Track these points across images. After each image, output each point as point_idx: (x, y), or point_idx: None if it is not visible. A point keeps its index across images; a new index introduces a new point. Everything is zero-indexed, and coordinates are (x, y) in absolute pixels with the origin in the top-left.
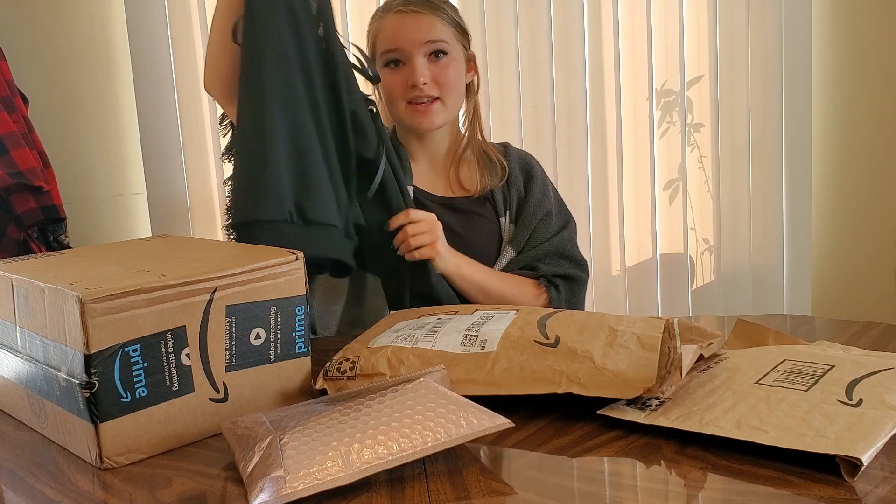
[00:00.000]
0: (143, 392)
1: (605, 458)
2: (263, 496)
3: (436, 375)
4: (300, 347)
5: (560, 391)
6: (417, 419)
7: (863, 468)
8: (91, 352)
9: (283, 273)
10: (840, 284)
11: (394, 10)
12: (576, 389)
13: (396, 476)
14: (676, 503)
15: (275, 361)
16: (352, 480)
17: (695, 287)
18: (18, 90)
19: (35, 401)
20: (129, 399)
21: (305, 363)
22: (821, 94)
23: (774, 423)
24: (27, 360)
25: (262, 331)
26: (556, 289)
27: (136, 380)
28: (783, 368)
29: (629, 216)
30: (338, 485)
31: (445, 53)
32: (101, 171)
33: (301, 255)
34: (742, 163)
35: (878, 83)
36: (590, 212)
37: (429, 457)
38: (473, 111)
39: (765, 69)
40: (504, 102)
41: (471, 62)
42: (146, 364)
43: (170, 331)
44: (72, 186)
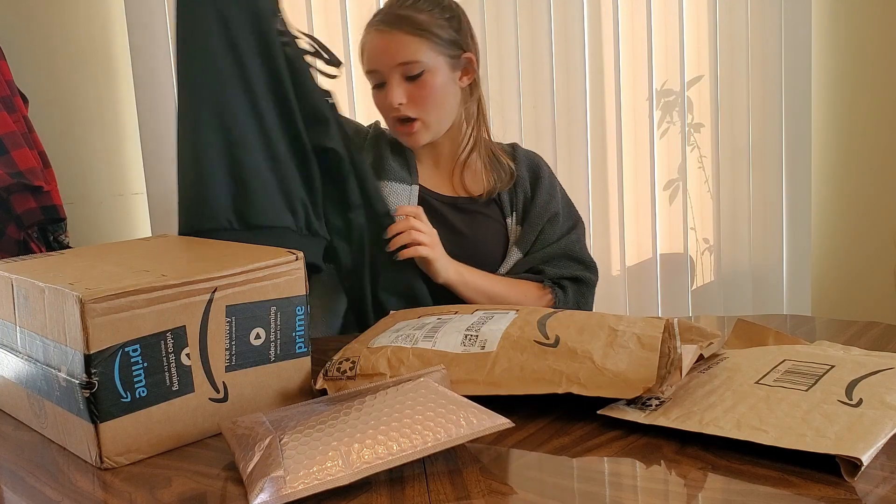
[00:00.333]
0: (143, 392)
1: (605, 458)
2: (263, 496)
3: (436, 375)
4: (300, 347)
5: (560, 391)
6: (417, 419)
7: (863, 468)
8: (91, 352)
9: (283, 273)
10: (840, 284)
11: (373, 28)
12: (576, 389)
13: (396, 476)
14: (676, 503)
15: (275, 361)
16: (352, 480)
17: (695, 287)
18: (18, 90)
19: (35, 401)
20: (129, 399)
21: (305, 363)
22: (821, 94)
23: (774, 423)
24: (27, 360)
25: (262, 331)
26: (564, 290)
27: (136, 380)
28: (783, 368)
29: (629, 216)
30: (338, 485)
31: (422, 72)
32: (101, 171)
33: (301, 255)
34: (742, 163)
35: (878, 83)
36: (590, 212)
37: (429, 457)
38: (477, 112)
39: (765, 69)
40: (504, 102)
41: (468, 66)
42: (146, 364)
43: (170, 331)
44: (72, 186)
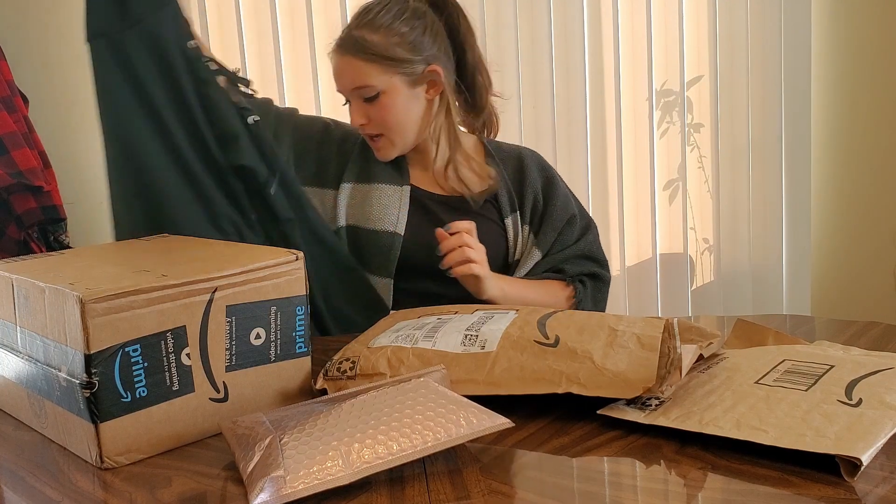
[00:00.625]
0: (144, 392)
1: (605, 458)
2: (264, 496)
3: (436, 375)
4: (300, 347)
5: (560, 391)
6: (417, 419)
7: (862, 468)
8: (91, 352)
9: (284, 273)
10: (840, 284)
11: (332, 49)
12: (576, 389)
13: (396, 476)
14: (676, 503)
15: (275, 361)
16: (352, 480)
17: (694, 287)
18: (18, 90)
19: (35, 401)
20: (130, 399)
21: (305, 363)
22: (820, 94)
23: (774, 423)
24: (27, 360)
25: (263, 331)
26: (584, 285)
27: (137, 380)
28: (783, 368)
29: (629, 216)
30: (338, 484)
31: (376, 94)
32: (101, 172)
33: (301, 255)
34: (742, 163)
35: (878, 83)
36: (590, 212)
37: (429, 456)
38: (446, 123)
39: (764, 69)
40: (504, 102)
41: (434, 79)
42: (146, 364)
43: (170, 331)
44: (72, 186)
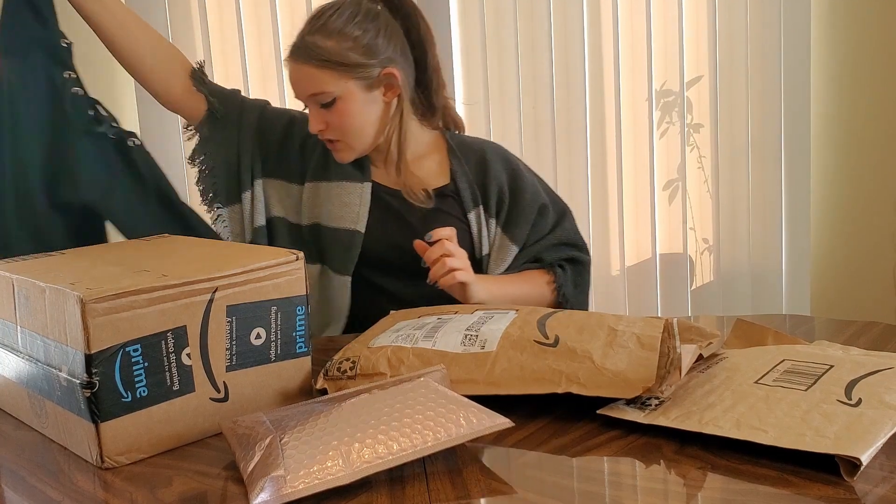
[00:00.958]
0: (144, 392)
1: (605, 458)
2: (264, 496)
3: (436, 375)
4: (300, 347)
5: (560, 391)
6: (417, 419)
7: (862, 468)
8: (92, 351)
9: (284, 273)
10: (839, 284)
11: (287, 56)
12: (575, 389)
13: (396, 476)
14: (676, 503)
15: (275, 361)
16: (352, 480)
17: (694, 287)
18: None
19: (36, 400)
20: (130, 399)
21: (306, 363)
22: (820, 94)
23: (774, 423)
24: (28, 360)
25: (263, 330)
26: (563, 269)
27: (137, 379)
28: (782, 368)
29: (629, 216)
30: (338, 484)
31: (332, 101)
32: None
33: (301, 255)
34: (741, 163)
35: (878, 83)
36: (589, 212)
37: (429, 456)
38: (399, 127)
39: (764, 69)
40: (504, 102)
41: (391, 82)
42: (147, 364)
43: (170, 331)
44: None
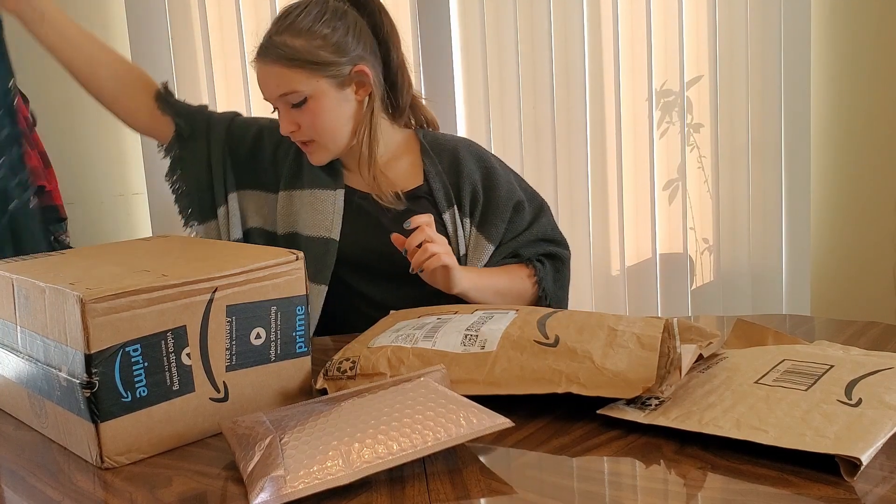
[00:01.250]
0: (144, 392)
1: (605, 458)
2: (264, 496)
3: (436, 375)
4: (300, 347)
5: (560, 391)
6: (417, 419)
7: (862, 468)
8: (92, 351)
9: (284, 273)
10: (839, 284)
11: (254, 57)
12: (575, 389)
13: (396, 476)
14: (676, 503)
15: (275, 361)
16: (352, 480)
17: (694, 287)
18: (19, 90)
19: (36, 400)
20: (130, 399)
21: (306, 363)
22: (820, 94)
23: (774, 423)
24: (28, 360)
25: (263, 330)
26: (542, 263)
27: (137, 379)
28: (782, 368)
29: (629, 216)
30: (338, 484)
31: (303, 100)
32: (102, 171)
33: (301, 255)
34: (741, 163)
35: (878, 83)
36: (589, 212)
37: (429, 456)
38: (369, 125)
39: (764, 69)
40: (504, 102)
41: (362, 79)
42: (147, 364)
43: (170, 331)
44: (72, 186)
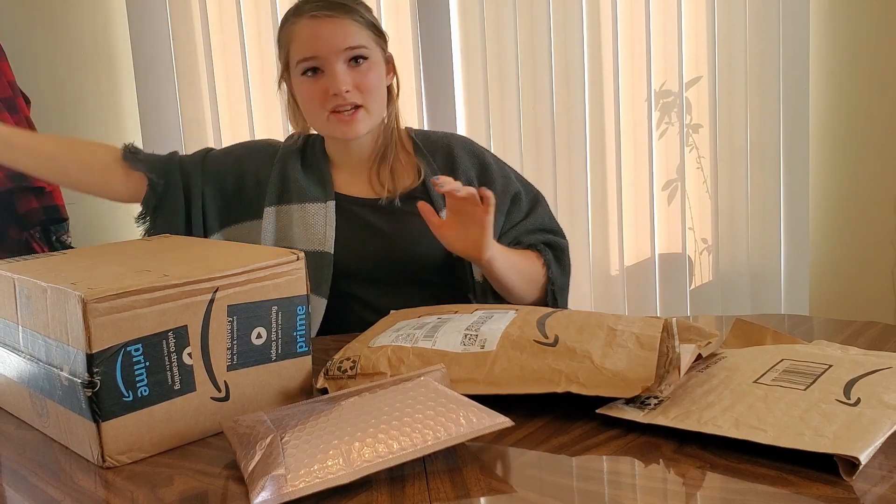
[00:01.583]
0: (145, 391)
1: (604, 457)
2: (265, 495)
3: (436, 374)
4: (301, 347)
5: (559, 390)
6: (418, 418)
7: (861, 467)
8: (93, 351)
9: (284, 273)
10: (838, 284)
11: (306, 15)
12: (575, 389)
13: (397, 475)
14: (675, 502)
15: (276, 361)
16: (352, 479)
17: (693, 287)
18: (21, 91)
19: (37, 400)
20: (131, 398)
21: (306, 362)
22: (819, 95)
23: (773, 423)
24: (29, 360)
25: (264, 330)
26: (546, 252)
27: (138, 379)
28: (781, 368)
29: (628, 216)
30: (338, 483)
31: (365, 58)
32: None
33: (302, 255)
34: (740, 163)
35: (877, 83)
36: (589, 212)
37: (429, 455)
38: (395, 115)
39: (763, 70)
40: (504, 102)
41: (389, 64)
42: (148, 363)
43: (171, 330)
44: None
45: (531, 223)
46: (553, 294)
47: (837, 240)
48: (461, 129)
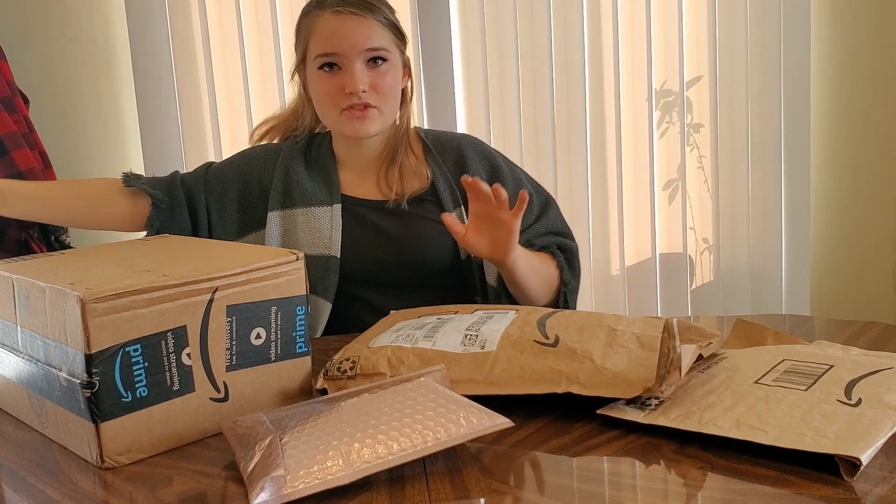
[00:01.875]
0: (144, 392)
1: (605, 458)
2: (264, 495)
3: (436, 375)
4: (300, 347)
5: (560, 391)
6: (417, 419)
7: (862, 468)
8: (92, 351)
9: (284, 273)
10: (839, 284)
11: (330, 9)
12: (575, 389)
13: (396, 475)
14: (676, 502)
15: (275, 361)
16: (352, 480)
17: (694, 287)
18: (19, 90)
19: (36, 400)
20: (130, 399)
21: (306, 363)
22: (820, 94)
23: (773, 423)
24: (28, 360)
25: (263, 330)
26: (559, 255)
27: (137, 379)
28: (782, 368)
29: (628, 216)
30: (338, 484)
31: (385, 60)
32: (102, 171)
33: (301, 255)
34: (741, 163)
35: (878, 83)
36: (589, 212)
37: (429, 456)
38: (408, 117)
39: (764, 69)
40: (504, 102)
41: (406, 67)
42: (147, 364)
43: (170, 330)
44: None
45: (543, 226)
46: (565, 297)
47: (838, 240)
48: (461, 129)
